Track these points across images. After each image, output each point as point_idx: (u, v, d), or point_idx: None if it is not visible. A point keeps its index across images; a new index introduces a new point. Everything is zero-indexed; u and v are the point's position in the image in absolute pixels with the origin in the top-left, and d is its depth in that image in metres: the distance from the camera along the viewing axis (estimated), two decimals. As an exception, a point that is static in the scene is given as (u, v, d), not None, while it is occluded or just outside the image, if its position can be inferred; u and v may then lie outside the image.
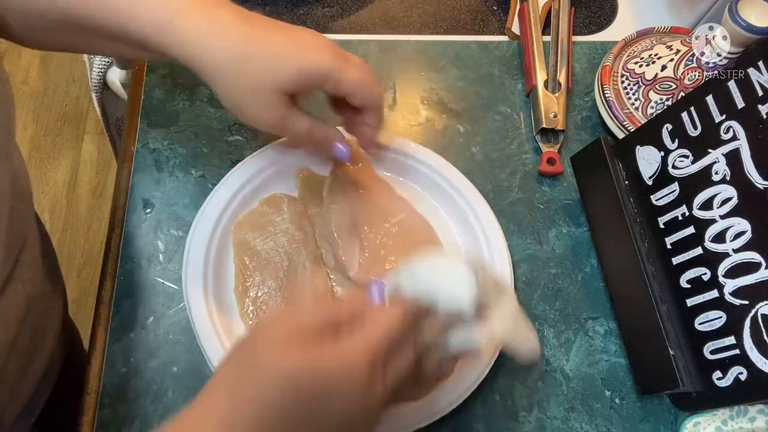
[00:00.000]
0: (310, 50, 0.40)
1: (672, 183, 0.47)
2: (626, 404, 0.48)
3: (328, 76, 0.40)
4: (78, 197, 1.51)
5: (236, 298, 0.48)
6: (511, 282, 0.49)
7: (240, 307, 0.47)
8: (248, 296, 0.48)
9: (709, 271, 0.44)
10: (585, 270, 0.53)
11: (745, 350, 0.41)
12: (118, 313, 0.48)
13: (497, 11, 0.67)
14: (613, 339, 0.51)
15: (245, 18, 0.40)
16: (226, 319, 0.46)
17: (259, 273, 0.48)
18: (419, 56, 0.62)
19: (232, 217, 0.49)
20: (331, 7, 0.65)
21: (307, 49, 0.40)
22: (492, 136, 0.59)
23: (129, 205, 0.52)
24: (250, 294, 0.48)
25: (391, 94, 0.60)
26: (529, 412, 0.48)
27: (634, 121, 0.55)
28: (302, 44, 0.40)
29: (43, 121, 1.59)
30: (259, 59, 0.39)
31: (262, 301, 0.48)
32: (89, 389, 0.45)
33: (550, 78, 0.60)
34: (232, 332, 0.46)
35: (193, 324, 0.45)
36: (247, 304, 0.47)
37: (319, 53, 0.40)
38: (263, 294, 0.48)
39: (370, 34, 0.64)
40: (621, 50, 0.60)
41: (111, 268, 0.49)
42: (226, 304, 0.47)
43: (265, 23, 0.40)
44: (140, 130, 0.55)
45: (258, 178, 0.51)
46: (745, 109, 0.42)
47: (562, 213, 0.56)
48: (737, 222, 0.42)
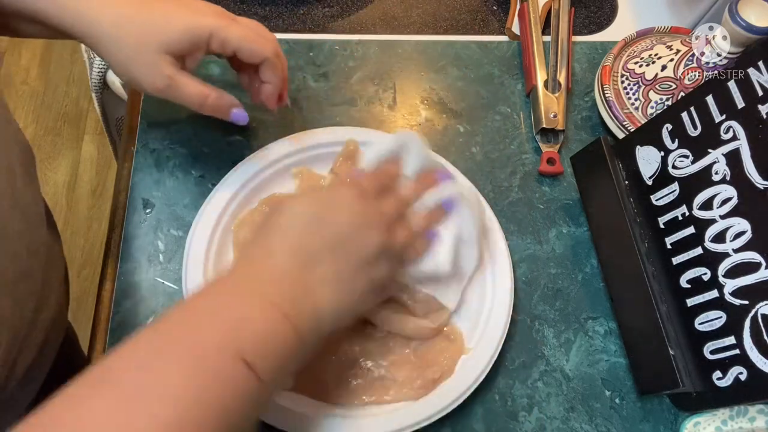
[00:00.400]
0: (196, 12, 0.43)
1: (672, 183, 0.47)
2: (626, 404, 0.48)
3: (213, 34, 0.43)
4: (78, 197, 1.51)
5: None
6: (511, 282, 0.49)
7: None
8: None
9: (709, 271, 0.44)
10: (585, 270, 0.53)
11: (745, 350, 0.41)
12: (118, 313, 0.48)
13: (497, 11, 0.67)
14: (613, 339, 0.51)
15: None
16: None
17: None
18: (419, 56, 0.62)
19: (231, 217, 0.49)
20: (331, 7, 0.65)
21: (193, 11, 0.43)
22: (492, 136, 0.59)
23: (129, 205, 0.52)
24: None
25: (391, 93, 0.60)
26: (529, 412, 0.48)
27: (634, 121, 0.55)
28: (189, 7, 0.43)
29: (43, 121, 1.59)
30: (144, 21, 0.42)
31: None
32: (89, 389, 0.45)
33: (550, 78, 0.60)
34: None
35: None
36: None
37: (204, 15, 0.43)
38: None
39: (370, 34, 0.64)
40: (621, 50, 0.60)
41: (111, 268, 0.49)
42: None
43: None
44: (140, 130, 0.55)
45: (257, 179, 0.51)
46: (745, 109, 0.42)
47: (562, 213, 0.56)
48: (737, 222, 0.42)
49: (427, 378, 0.45)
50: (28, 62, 1.66)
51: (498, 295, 0.49)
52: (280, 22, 0.63)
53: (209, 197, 0.49)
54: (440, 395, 0.45)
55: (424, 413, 0.44)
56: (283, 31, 0.63)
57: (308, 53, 0.61)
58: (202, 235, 0.47)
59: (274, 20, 0.63)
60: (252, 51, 0.45)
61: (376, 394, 0.45)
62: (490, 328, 0.47)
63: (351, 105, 0.59)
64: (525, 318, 0.51)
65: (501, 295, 0.49)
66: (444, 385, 0.45)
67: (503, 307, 0.48)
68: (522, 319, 0.51)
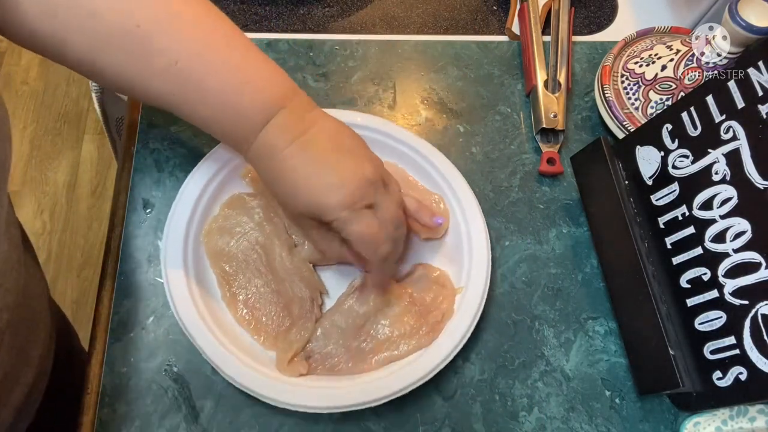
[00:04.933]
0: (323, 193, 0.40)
1: (672, 183, 0.47)
2: (626, 404, 0.48)
3: (334, 223, 0.41)
4: (78, 197, 1.51)
5: (227, 306, 0.48)
6: (479, 210, 0.51)
7: (234, 313, 0.47)
8: (239, 300, 0.48)
9: (709, 271, 0.44)
10: (585, 270, 0.53)
11: (745, 350, 0.41)
12: (118, 313, 0.48)
13: (497, 11, 0.67)
14: (613, 339, 0.51)
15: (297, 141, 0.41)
16: (224, 326, 0.47)
17: (242, 275, 0.48)
18: (419, 56, 0.62)
19: (198, 228, 0.49)
20: (331, 7, 0.65)
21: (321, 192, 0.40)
22: (492, 136, 0.59)
23: (129, 205, 0.52)
24: (240, 298, 0.48)
25: (391, 93, 0.60)
26: (529, 412, 0.48)
27: (634, 121, 0.55)
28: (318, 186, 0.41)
29: (43, 121, 1.59)
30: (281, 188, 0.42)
31: (255, 301, 0.48)
32: (89, 389, 0.45)
33: (550, 78, 0.60)
34: (233, 335, 0.46)
35: (194, 341, 0.45)
36: (240, 309, 0.47)
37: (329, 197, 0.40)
38: (252, 295, 0.48)
39: (370, 34, 0.64)
40: (621, 50, 0.60)
41: (111, 268, 0.49)
42: (220, 311, 0.48)
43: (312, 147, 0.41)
44: (140, 130, 0.55)
45: (211, 187, 0.50)
46: (745, 109, 0.42)
47: (562, 213, 0.56)
48: (737, 222, 0.42)
49: (430, 323, 0.47)
50: (28, 62, 1.66)
51: (472, 228, 0.50)
52: (280, 22, 0.63)
53: (169, 217, 0.48)
54: (450, 334, 0.46)
55: (443, 353, 0.45)
56: (283, 31, 0.63)
57: (308, 53, 0.61)
58: (175, 255, 0.47)
59: (274, 20, 0.63)
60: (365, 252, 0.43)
61: (388, 352, 0.47)
62: (475, 263, 0.49)
63: (351, 105, 0.59)
64: (525, 318, 0.51)
65: (475, 227, 0.50)
66: (449, 325, 0.47)
67: (480, 238, 0.50)
68: (522, 319, 0.51)
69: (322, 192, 0.40)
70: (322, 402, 0.43)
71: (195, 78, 0.39)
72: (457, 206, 0.52)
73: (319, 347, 0.47)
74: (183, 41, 0.39)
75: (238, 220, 0.50)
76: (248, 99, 0.40)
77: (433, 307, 0.48)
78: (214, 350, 0.44)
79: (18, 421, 0.44)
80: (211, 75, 0.40)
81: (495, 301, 0.51)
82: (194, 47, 0.39)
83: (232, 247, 0.49)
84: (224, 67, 0.40)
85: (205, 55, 0.40)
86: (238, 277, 0.48)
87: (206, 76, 0.40)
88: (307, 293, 0.48)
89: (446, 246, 0.52)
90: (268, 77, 0.42)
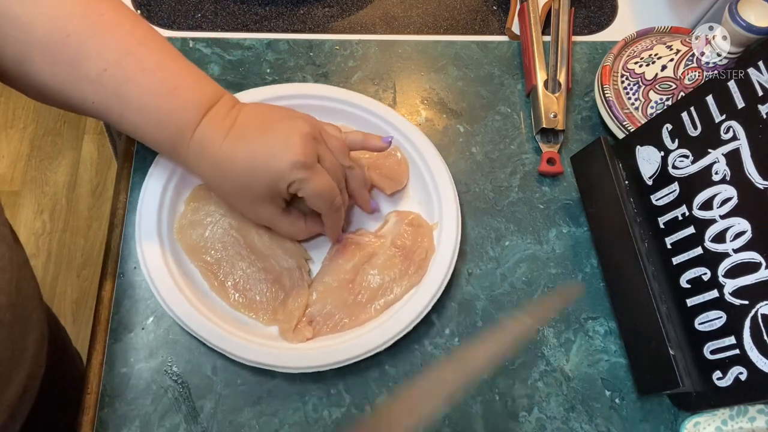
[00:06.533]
0: (274, 160, 0.42)
1: (672, 183, 0.47)
2: (626, 404, 0.48)
3: (293, 185, 0.43)
4: (78, 197, 1.51)
5: (218, 295, 0.48)
6: (432, 145, 0.54)
7: (226, 300, 0.48)
8: (228, 287, 0.48)
9: (709, 271, 0.44)
10: (585, 270, 0.53)
11: (745, 350, 0.41)
12: (118, 313, 0.48)
13: (497, 11, 0.67)
14: (613, 339, 0.51)
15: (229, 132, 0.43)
16: (221, 314, 0.47)
17: (225, 261, 0.49)
18: (419, 56, 0.62)
19: (169, 229, 0.49)
20: (331, 7, 0.65)
21: (272, 160, 0.42)
22: (492, 136, 0.59)
23: (129, 205, 0.52)
24: (229, 284, 0.48)
25: (391, 93, 0.60)
26: (529, 412, 0.48)
27: (634, 121, 0.55)
28: (267, 154, 0.42)
29: (43, 121, 1.59)
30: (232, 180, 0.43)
31: (244, 283, 0.48)
32: (89, 389, 0.45)
33: (550, 78, 0.60)
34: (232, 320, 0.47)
35: (197, 335, 0.45)
36: (231, 294, 0.48)
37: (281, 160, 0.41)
38: (240, 278, 0.48)
39: (370, 34, 0.64)
40: (621, 50, 0.60)
41: (111, 268, 0.49)
42: (213, 301, 0.48)
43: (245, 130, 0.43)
44: (140, 130, 0.55)
45: (170, 187, 0.50)
46: (745, 109, 0.42)
47: (562, 213, 0.56)
48: (737, 222, 0.42)
49: (416, 262, 0.50)
50: (28, 62, 1.66)
51: (432, 167, 0.53)
52: (280, 22, 0.63)
53: (137, 222, 0.48)
54: (437, 268, 0.49)
55: (434, 286, 0.48)
56: (283, 31, 0.63)
57: (308, 53, 0.61)
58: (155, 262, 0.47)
59: (274, 20, 0.63)
60: (319, 208, 0.45)
61: (384, 297, 0.49)
62: (444, 199, 0.51)
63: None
64: (525, 318, 0.51)
65: (434, 165, 0.53)
66: (434, 259, 0.50)
67: (442, 173, 0.52)
68: (522, 319, 0.51)
69: (272, 159, 0.41)
70: (339, 356, 0.45)
71: (126, 84, 0.41)
72: (414, 152, 0.54)
73: (319, 310, 0.48)
74: (111, 49, 0.40)
75: (206, 210, 0.50)
76: (181, 101, 0.42)
77: (415, 246, 0.50)
78: (220, 337, 0.44)
79: (12, 421, 0.44)
80: (141, 80, 0.41)
81: (495, 301, 0.51)
82: (123, 53, 0.40)
83: (207, 237, 0.49)
84: (154, 72, 0.41)
85: (134, 61, 0.41)
86: (222, 265, 0.48)
87: (136, 81, 0.41)
88: (293, 263, 0.49)
89: (412, 191, 0.54)
90: (196, 79, 0.43)
